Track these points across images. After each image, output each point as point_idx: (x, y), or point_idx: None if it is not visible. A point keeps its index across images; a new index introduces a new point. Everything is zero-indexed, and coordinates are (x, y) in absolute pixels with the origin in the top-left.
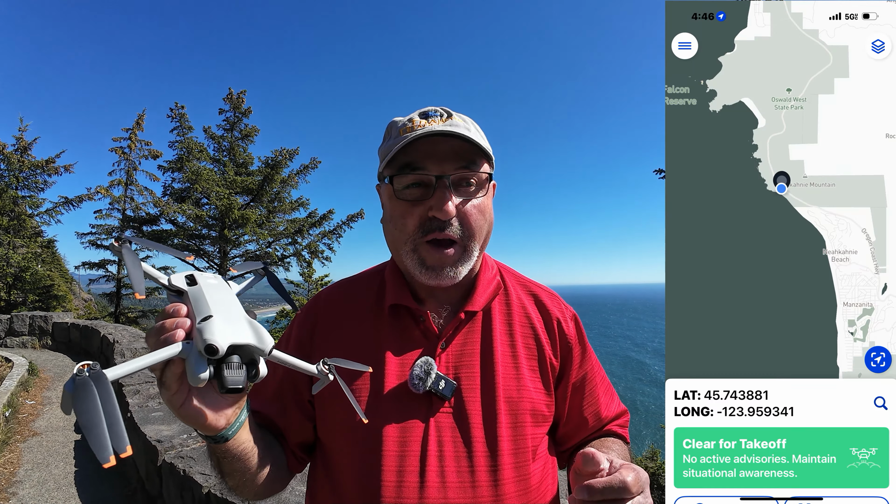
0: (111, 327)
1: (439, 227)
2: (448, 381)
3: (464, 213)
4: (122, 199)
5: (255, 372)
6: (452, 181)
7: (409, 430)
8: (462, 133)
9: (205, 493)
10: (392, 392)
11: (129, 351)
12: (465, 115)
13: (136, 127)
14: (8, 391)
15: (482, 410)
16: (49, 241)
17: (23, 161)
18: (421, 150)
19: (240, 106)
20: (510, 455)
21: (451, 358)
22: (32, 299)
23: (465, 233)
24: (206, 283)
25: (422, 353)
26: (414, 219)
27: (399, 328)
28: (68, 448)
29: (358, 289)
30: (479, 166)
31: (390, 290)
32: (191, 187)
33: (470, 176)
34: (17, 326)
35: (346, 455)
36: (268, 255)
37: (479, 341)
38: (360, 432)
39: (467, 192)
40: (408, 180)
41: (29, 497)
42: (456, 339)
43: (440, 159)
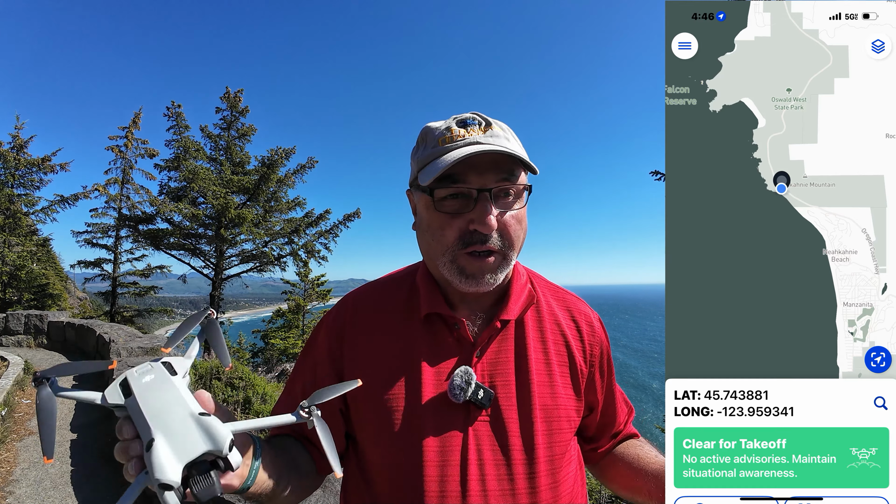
0: (107, 326)
1: (481, 239)
2: (486, 390)
3: (504, 224)
4: (119, 198)
5: (227, 464)
6: (493, 193)
7: (449, 439)
8: (503, 149)
9: None
10: (431, 401)
11: (124, 350)
12: (502, 123)
13: (133, 125)
14: (4, 390)
15: (519, 419)
16: (44, 240)
17: (18, 159)
18: (463, 163)
19: (237, 105)
20: (546, 462)
21: (487, 366)
22: (28, 298)
23: (505, 243)
24: (142, 388)
25: (458, 362)
26: (454, 231)
27: (433, 336)
28: (64, 447)
29: (388, 295)
30: (517, 177)
31: (425, 298)
32: (187, 186)
33: (510, 187)
34: (12, 325)
35: (386, 461)
36: (264, 254)
37: (514, 349)
38: (400, 440)
39: (506, 203)
40: (447, 192)
41: (25, 496)
42: (491, 347)
43: (481, 171)
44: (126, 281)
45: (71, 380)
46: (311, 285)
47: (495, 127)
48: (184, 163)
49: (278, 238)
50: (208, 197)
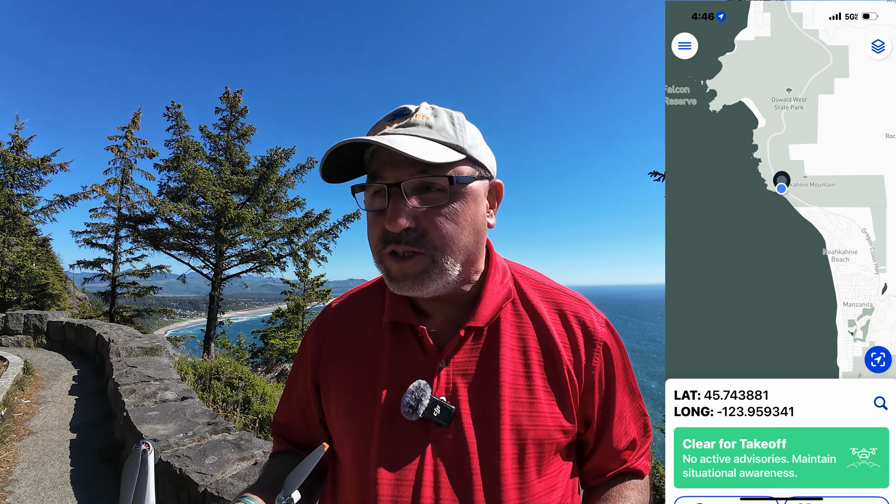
0: (106, 326)
1: (394, 238)
2: (445, 407)
3: (427, 222)
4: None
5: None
6: (410, 188)
7: (404, 458)
8: (401, 150)
9: (201, 492)
10: (387, 417)
11: (124, 350)
12: (444, 110)
13: (132, 125)
14: (3, 390)
15: (483, 438)
16: (44, 240)
17: (18, 159)
18: (382, 157)
19: (236, 105)
20: (515, 489)
21: (452, 379)
22: (27, 298)
23: (429, 244)
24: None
25: (423, 374)
26: (377, 230)
27: (399, 346)
28: (64, 447)
29: (363, 303)
30: (444, 169)
31: (388, 306)
32: (187, 186)
33: (434, 181)
34: (11, 325)
35: (349, 477)
36: (263, 254)
37: (485, 359)
38: (359, 457)
39: (431, 199)
40: (371, 190)
41: (25, 496)
42: (457, 357)
43: (395, 165)
44: (125, 281)
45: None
46: (310, 285)
47: (420, 116)
48: (183, 163)
49: (278, 238)
50: (208, 197)
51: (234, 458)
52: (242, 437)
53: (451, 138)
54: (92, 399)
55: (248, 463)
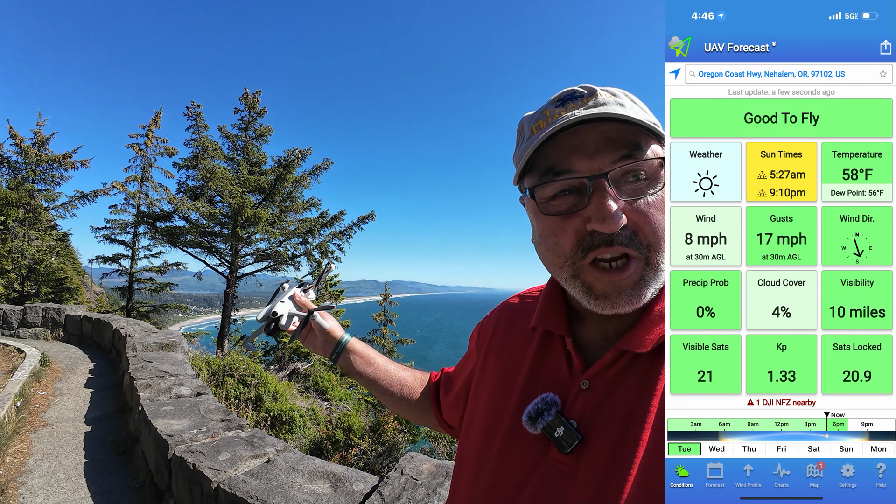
0: (123, 321)
1: (604, 242)
2: (570, 431)
3: (638, 216)
4: (137, 195)
5: (277, 322)
6: (613, 179)
7: (508, 470)
8: (612, 112)
9: (213, 488)
10: (508, 423)
11: (140, 345)
12: (615, 89)
13: (153, 124)
14: (20, 381)
15: (603, 481)
16: (63, 235)
17: (40, 155)
18: (564, 147)
19: (255, 106)
20: None
21: (591, 403)
22: (45, 291)
23: (643, 242)
24: (285, 292)
25: (558, 388)
26: (569, 236)
27: (544, 354)
28: (78, 439)
29: (525, 305)
30: (645, 150)
31: (537, 311)
32: (205, 185)
33: (638, 167)
34: (30, 318)
35: (463, 470)
36: (278, 253)
37: (636, 390)
38: (468, 456)
39: (637, 188)
40: (553, 189)
41: (38, 487)
42: (604, 379)
43: (590, 153)
44: (142, 277)
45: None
46: (324, 285)
47: (602, 94)
48: (202, 162)
49: (293, 238)
50: (225, 196)
51: (246, 455)
52: (255, 434)
53: (637, 113)
54: (107, 392)
55: (260, 460)
